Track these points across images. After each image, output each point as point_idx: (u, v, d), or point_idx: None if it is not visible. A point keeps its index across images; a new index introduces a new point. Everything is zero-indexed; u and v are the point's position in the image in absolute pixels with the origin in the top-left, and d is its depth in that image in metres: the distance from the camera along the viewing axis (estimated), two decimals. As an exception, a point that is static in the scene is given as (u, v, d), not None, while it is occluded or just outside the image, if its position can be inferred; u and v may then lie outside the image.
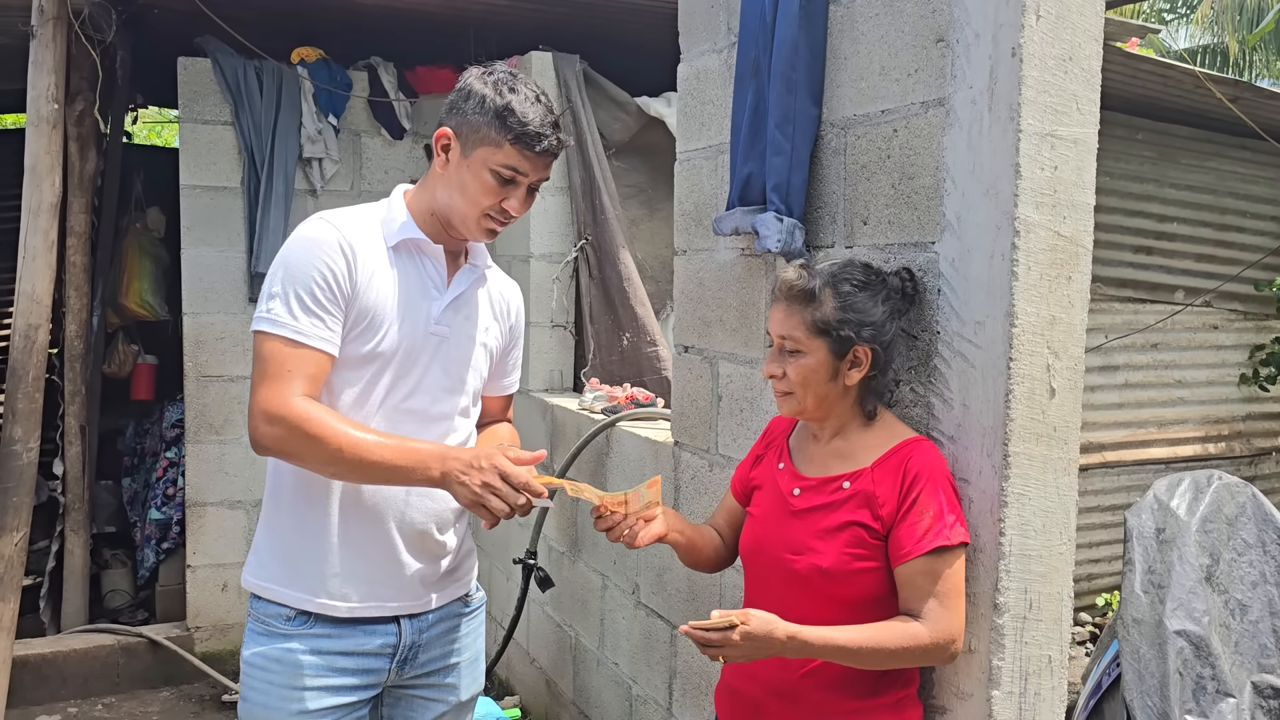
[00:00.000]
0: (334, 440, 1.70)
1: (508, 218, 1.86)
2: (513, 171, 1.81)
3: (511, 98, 1.80)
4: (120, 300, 4.87)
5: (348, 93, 4.52)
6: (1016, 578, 1.73)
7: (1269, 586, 2.15)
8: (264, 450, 1.75)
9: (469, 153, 1.81)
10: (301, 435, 1.70)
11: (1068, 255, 1.74)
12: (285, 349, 1.73)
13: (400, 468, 1.73)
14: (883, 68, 1.98)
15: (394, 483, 1.79)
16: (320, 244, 1.78)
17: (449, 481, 1.72)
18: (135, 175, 5.10)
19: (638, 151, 4.32)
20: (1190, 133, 5.02)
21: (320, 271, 1.75)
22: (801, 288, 1.71)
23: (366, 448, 1.72)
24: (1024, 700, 1.76)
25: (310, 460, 1.75)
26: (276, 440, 1.72)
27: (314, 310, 1.75)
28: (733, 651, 1.55)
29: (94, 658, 4.27)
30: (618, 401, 3.50)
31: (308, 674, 1.83)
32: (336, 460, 1.72)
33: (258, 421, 1.73)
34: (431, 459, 1.74)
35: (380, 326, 1.82)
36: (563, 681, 3.72)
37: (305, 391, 1.73)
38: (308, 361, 1.74)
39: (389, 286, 1.84)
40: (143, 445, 5.26)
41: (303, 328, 1.74)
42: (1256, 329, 5.49)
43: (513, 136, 1.79)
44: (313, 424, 1.70)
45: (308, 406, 1.72)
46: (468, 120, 1.81)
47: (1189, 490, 2.23)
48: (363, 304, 1.80)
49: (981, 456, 1.75)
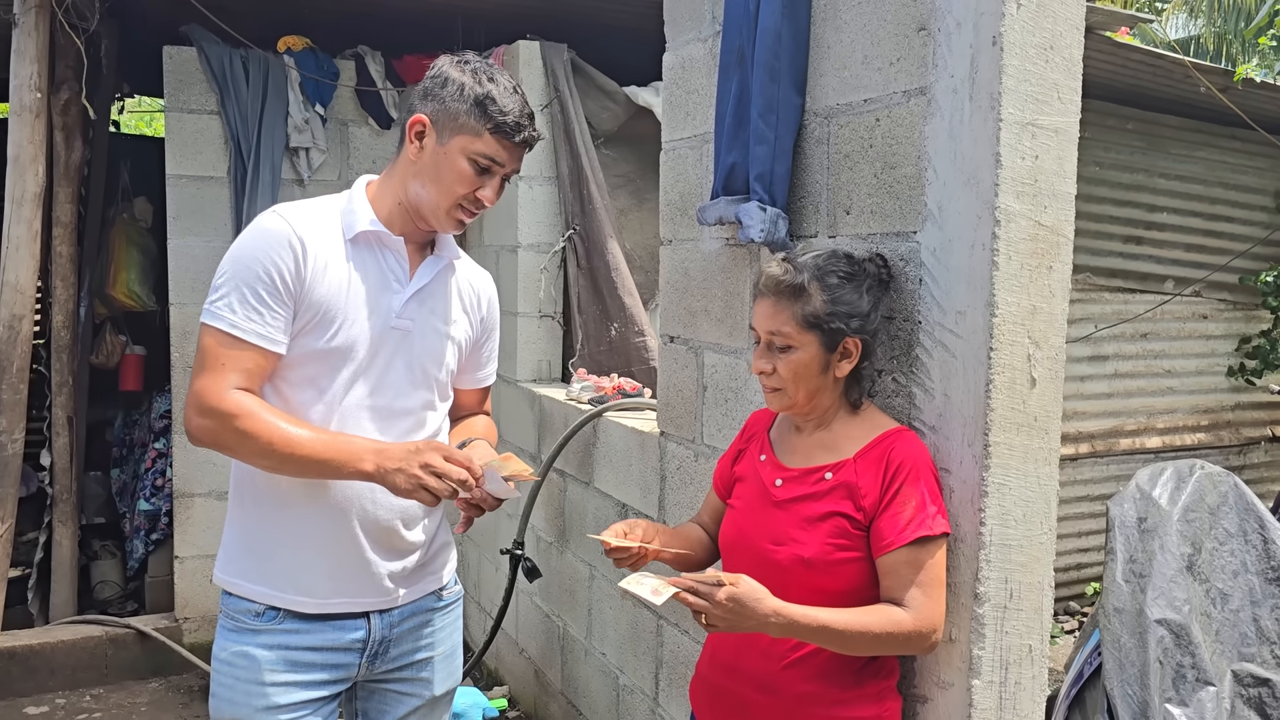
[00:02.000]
0: (265, 434, 1.70)
1: (479, 208, 1.84)
2: (490, 161, 1.80)
3: (491, 87, 1.78)
4: (108, 291, 4.85)
5: (335, 82, 4.50)
6: (997, 567, 1.73)
7: (1250, 575, 2.15)
8: (197, 442, 1.75)
9: (446, 140, 1.79)
10: (232, 429, 1.70)
11: (1049, 245, 1.74)
12: (222, 343, 1.73)
13: (331, 461, 1.72)
14: (865, 56, 1.97)
15: (327, 476, 1.77)
16: (269, 238, 1.76)
17: (383, 473, 1.71)
18: (122, 165, 5.08)
19: (626, 141, 4.30)
20: (1180, 122, 5.02)
21: (265, 267, 1.74)
22: (789, 283, 1.69)
23: (298, 442, 1.71)
24: (1004, 689, 1.76)
25: (242, 453, 1.75)
26: (208, 433, 1.73)
27: (254, 306, 1.73)
28: (716, 612, 1.53)
29: (82, 649, 4.26)
30: (605, 392, 3.50)
31: (276, 669, 1.82)
32: (268, 454, 1.72)
33: (190, 413, 1.74)
34: (365, 451, 1.73)
35: (333, 321, 1.80)
36: (551, 671, 3.72)
37: (240, 386, 1.72)
38: (244, 357, 1.73)
39: (343, 280, 1.81)
40: (131, 436, 5.24)
41: (239, 322, 1.73)
42: (1245, 319, 5.51)
43: (493, 126, 1.77)
44: (244, 418, 1.70)
45: (240, 400, 1.71)
46: (446, 108, 1.79)
47: (1171, 479, 2.23)
48: (313, 299, 1.78)
49: (962, 446, 1.75)
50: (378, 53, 4.63)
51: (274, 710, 1.81)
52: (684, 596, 1.54)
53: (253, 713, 1.81)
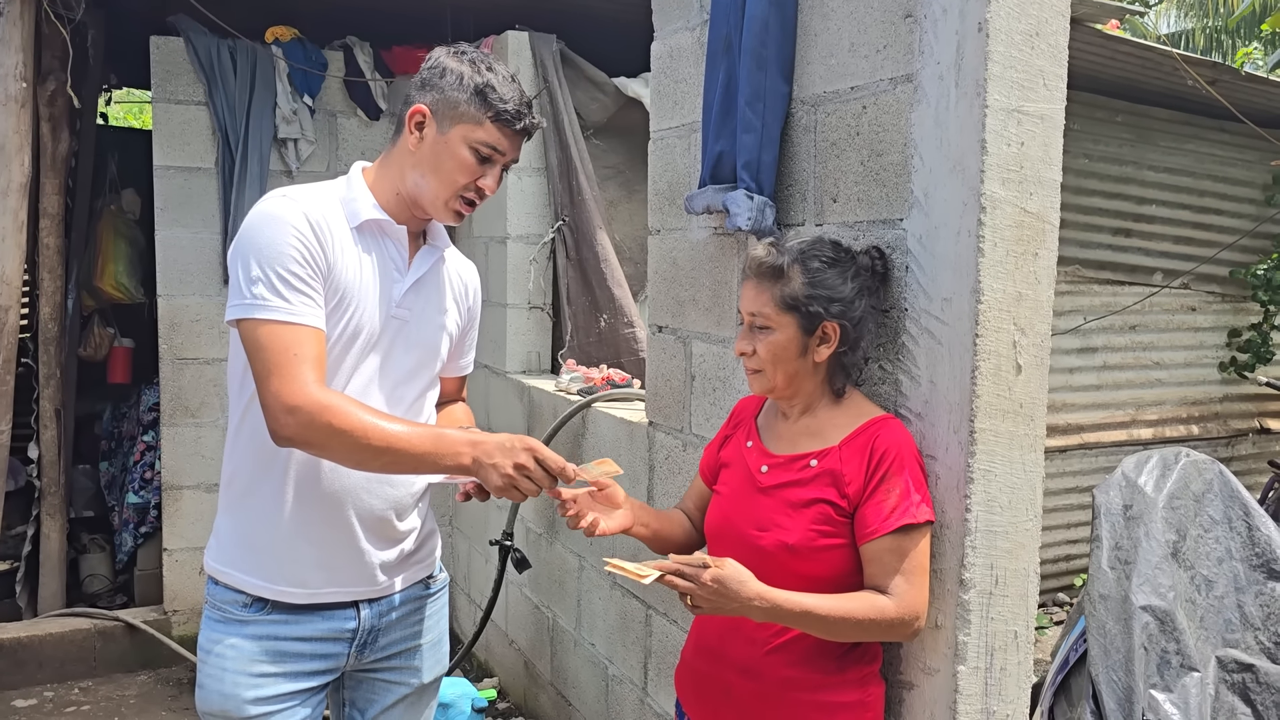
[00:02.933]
0: (360, 429, 1.64)
1: (481, 197, 1.84)
2: (491, 149, 1.80)
3: (491, 76, 1.78)
4: (95, 283, 4.82)
5: (323, 73, 4.48)
6: (982, 554, 1.74)
7: (1234, 562, 2.16)
8: (287, 441, 1.67)
9: (446, 130, 1.79)
10: (325, 425, 1.63)
11: (1034, 232, 1.74)
12: (284, 332, 1.65)
13: (430, 454, 1.69)
14: (852, 44, 1.97)
15: (421, 470, 1.75)
16: (287, 219, 1.71)
17: (480, 465, 1.68)
18: (110, 156, 5.05)
19: (615, 132, 4.30)
20: (1169, 115, 5.03)
21: (295, 247, 1.69)
22: (770, 264, 1.71)
23: (395, 435, 1.67)
24: (990, 675, 1.77)
25: (334, 449, 1.68)
26: (300, 430, 1.64)
27: (300, 288, 1.68)
28: (701, 594, 1.54)
29: (70, 641, 4.25)
30: (594, 383, 3.50)
31: (263, 660, 1.81)
32: (363, 448, 1.65)
33: (277, 412, 1.64)
34: (462, 444, 1.69)
35: (348, 308, 1.78)
36: (540, 662, 3.72)
37: (317, 375, 1.66)
38: (309, 341, 1.67)
39: (355, 266, 1.80)
40: (120, 429, 5.22)
41: (296, 308, 1.67)
42: (1234, 311, 5.53)
43: (494, 114, 1.77)
44: (336, 413, 1.63)
45: (328, 394, 1.66)
46: (446, 97, 1.78)
47: (1157, 467, 2.24)
48: (335, 281, 1.75)
49: (948, 433, 1.75)
50: (366, 43, 4.61)
51: (261, 701, 1.80)
52: (670, 579, 1.55)
53: (240, 704, 1.80)
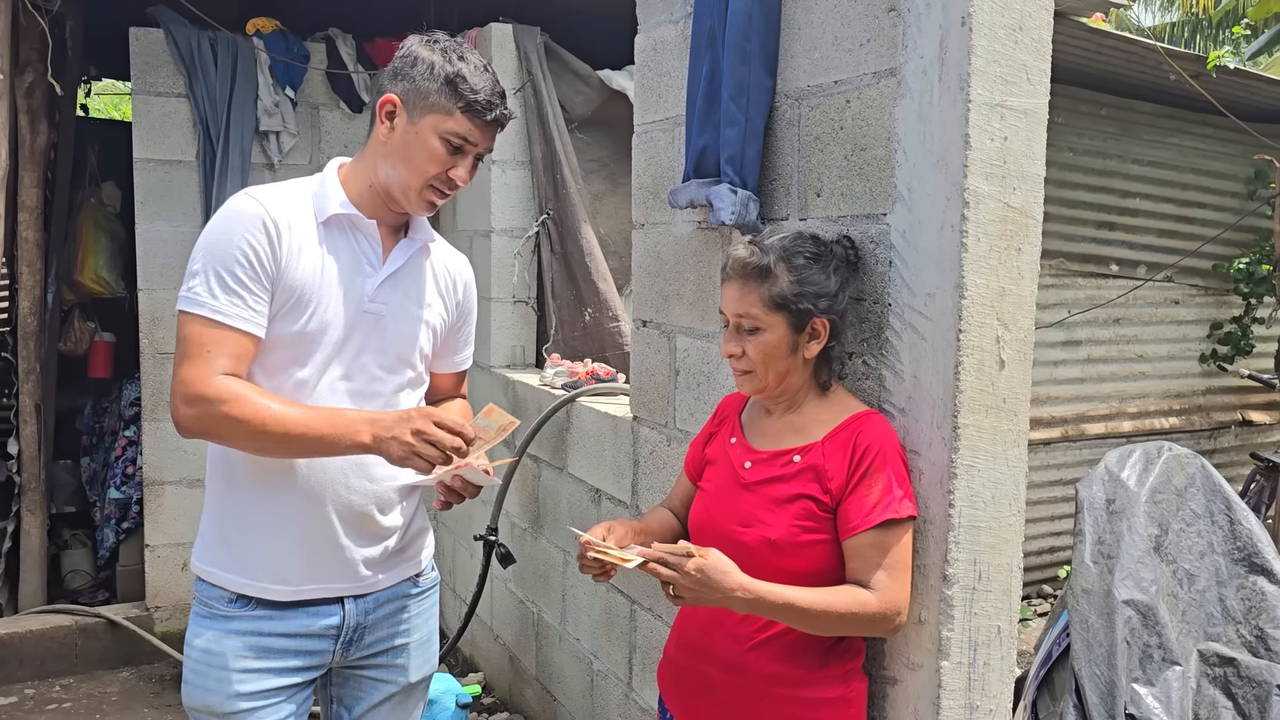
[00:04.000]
0: (257, 417, 1.67)
1: (452, 188, 1.83)
2: (462, 140, 1.78)
3: (461, 65, 1.77)
4: (76, 276, 4.77)
5: (305, 65, 4.44)
6: (966, 549, 1.73)
7: (1216, 556, 2.17)
8: (186, 432, 1.72)
9: (416, 119, 1.78)
10: (222, 415, 1.67)
11: (1018, 226, 1.74)
12: (205, 329, 1.70)
13: (328, 436, 1.70)
14: (836, 38, 1.96)
15: (323, 453, 1.75)
16: (242, 220, 1.73)
17: (379, 441, 1.70)
18: (90, 149, 5.00)
19: (600, 126, 4.28)
20: (1153, 109, 5.05)
21: (241, 249, 1.71)
22: (756, 264, 1.69)
23: (292, 421, 1.69)
24: (973, 670, 1.77)
25: (234, 439, 1.72)
26: (197, 421, 1.69)
27: (234, 289, 1.70)
28: (684, 583, 1.54)
29: (51, 638, 4.21)
30: (579, 377, 3.48)
31: (248, 656, 1.81)
32: (261, 436, 1.69)
33: (177, 403, 1.70)
34: (360, 423, 1.72)
35: (308, 305, 1.78)
36: (526, 657, 3.72)
37: (227, 371, 1.70)
38: (229, 342, 1.70)
39: (317, 263, 1.79)
40: (101, 424, 5.18)
41: (222, 307, 1.70)
42: (1216, 304, 5.56)
43: (464, 104, 1.76)
44: (234, 403, 1.67)
45: (228, 384, 1.69)
46: (416, 86, 1.77)
47: (1139, 461, 2.24)
48: (289, 281, 1.76)
49: (932, 428, 1.75)
50: (349, 35, 4.57)
51: (247, 697, 1.80)
52: (654, 567, 1.55)
53: (225, 699, 1.79)
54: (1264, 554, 2.17)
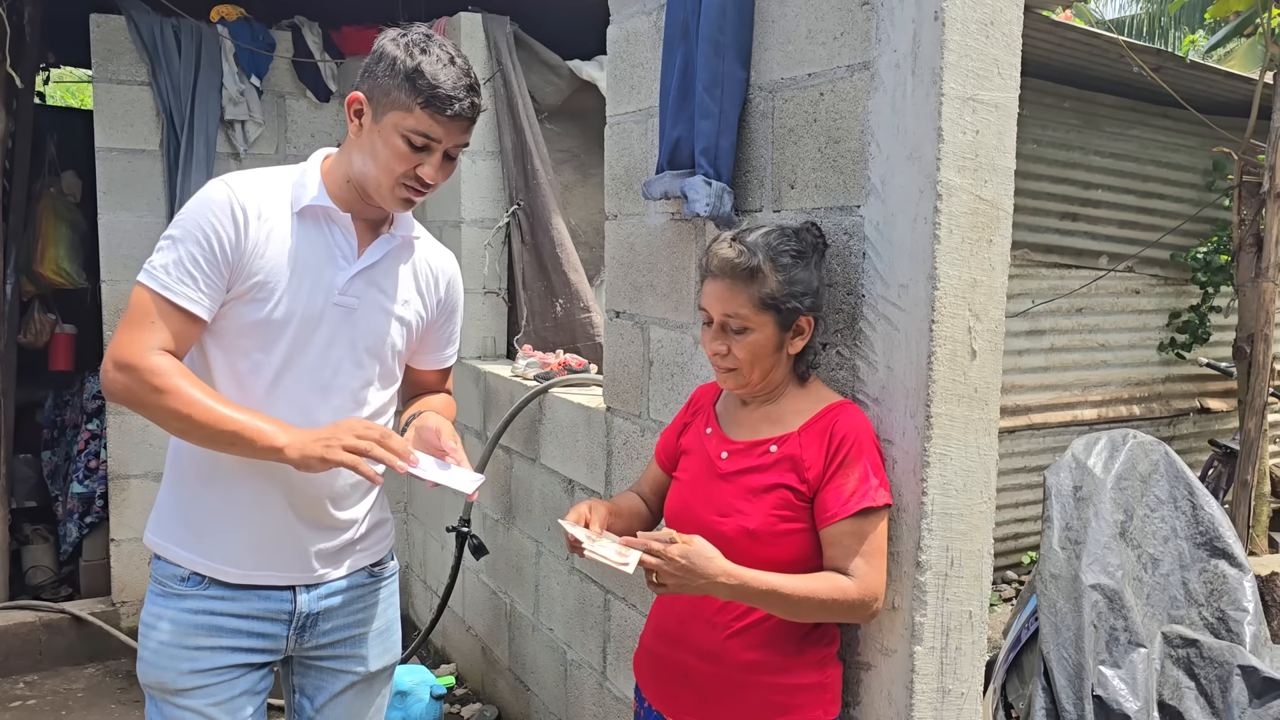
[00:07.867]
0: (179, 396, 1.68)
1: (424, 185, 1.80)
2: (424, 138, 1.74)
3: (422, 59, 1.72)
4: (35, 268, 4.69)
5: (271, 53, 4.39)
6: (938, 536, 1.76)
7: (1179, 541, 2.22)
8: (111, 396, 1.73)
9: (380, 117, 1.75)
10: (149, 386, 1.68)
11: (989, 219, 1.76)
12: (151, 301, 1.71)
13: (239, 433, 1.69)
14: (809, 31, 1.98)
15: (240, 451, 1.73)
16: (212, 205, 1.74)
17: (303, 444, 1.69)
18: (49, 138, 4.90)
19: (570, 116, 4.27)
20: (1115, 101, 5.12)
21: (205, 233, 1.72)
22: (744, 265, 1.69)
23: (208, 410, 1.69)
24: (945, 655, 1.80)
25: (154, 411, 1.71)
26: (124, 388, 1.70)
27: (189, 270, 1.72)
28: (668, 569, 1.55)
29: (14, 635, 4.15)
30: (551, 368, 3.49)
31: (199, 634, 1.82)
32: (180, 418, 1.69)
33: (108, 365, 1.71)
34: (275, 428, 1.71)
35: (273, 293, 1.78)
36: (498, 648, 3.72)
37: (164, 347, 1.71)
38: (172, 318, 1.72)
39: (286, 253, 1.79)
40: (63, 417, 5.10)
41: (171, 284, 1.71)
42: (1176, 294, 5.66)
43: (423, 100, 1.72)
44: (161, 377, 1.68)
45: (160, 360, 1.69)
46: (379, 84, 1.75)
47: (1105, 449, 2.29)
48: (253, 268, 1.76)
49: (905, 418, 1.77)
50: (315, 23, 4.52)
51: (197, 674, 1.81)
52: (637, 544, 1.56)
53: (177, 675, 1.81)
54: (1225, 538, 2.23)
